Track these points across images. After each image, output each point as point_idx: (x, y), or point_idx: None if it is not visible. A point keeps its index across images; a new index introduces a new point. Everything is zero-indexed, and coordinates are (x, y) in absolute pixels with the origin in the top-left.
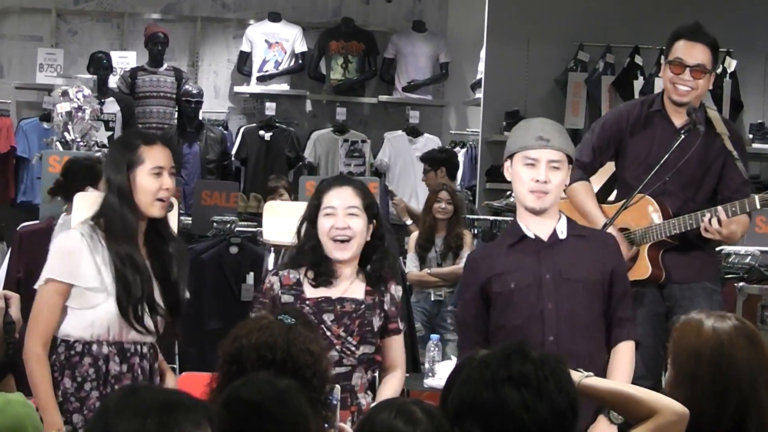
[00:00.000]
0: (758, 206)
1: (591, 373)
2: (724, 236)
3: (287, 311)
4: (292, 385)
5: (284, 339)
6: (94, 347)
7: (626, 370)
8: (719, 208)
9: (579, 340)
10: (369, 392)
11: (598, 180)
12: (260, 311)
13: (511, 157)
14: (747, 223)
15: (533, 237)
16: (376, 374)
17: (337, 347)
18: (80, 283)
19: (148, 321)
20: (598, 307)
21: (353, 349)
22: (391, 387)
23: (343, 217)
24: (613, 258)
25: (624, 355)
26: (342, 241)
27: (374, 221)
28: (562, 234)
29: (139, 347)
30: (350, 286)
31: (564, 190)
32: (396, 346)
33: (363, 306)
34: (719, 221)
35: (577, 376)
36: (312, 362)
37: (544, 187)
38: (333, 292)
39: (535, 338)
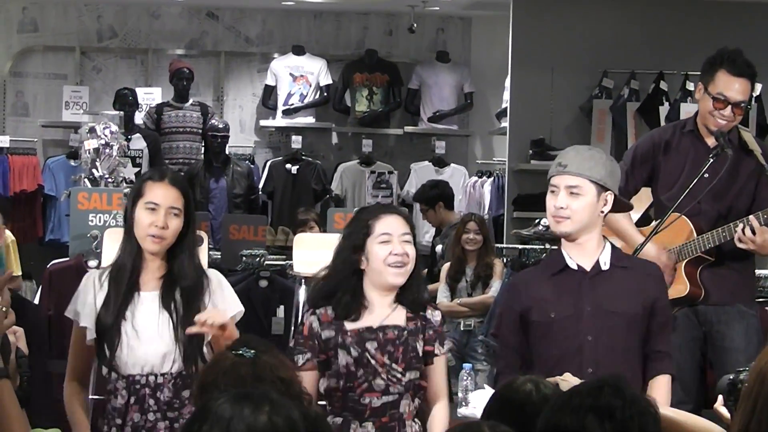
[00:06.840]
0: None
1: None
2: (758, 245)
3: (245, 342)
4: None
5: (252, 375)
6: (151, 378)
7: (663, 404)
8: (751, 216)
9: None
10: (416, 420)
11: (637, 209)
12: (306, 354)
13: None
14: None
15: (575, 268)
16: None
17: (383, 375)
18: (82, 322)
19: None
20: (638, 339)
21: (399, 376)
22: (440, 420)
23: (400, 244)
24: (656, 289)
25: (660, 388)
26: (400, 266)
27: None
28: (605, 265)
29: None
30: (390, 314)
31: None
32: (439, 371)
33: (405, 332)
34: (752, 230)
35: None
36: (285, 389)
37: (561, 212)
38: (373, 321)
39: (574, 370)
